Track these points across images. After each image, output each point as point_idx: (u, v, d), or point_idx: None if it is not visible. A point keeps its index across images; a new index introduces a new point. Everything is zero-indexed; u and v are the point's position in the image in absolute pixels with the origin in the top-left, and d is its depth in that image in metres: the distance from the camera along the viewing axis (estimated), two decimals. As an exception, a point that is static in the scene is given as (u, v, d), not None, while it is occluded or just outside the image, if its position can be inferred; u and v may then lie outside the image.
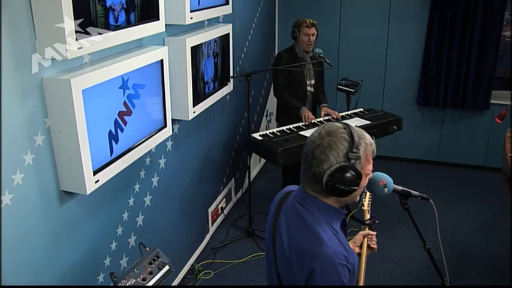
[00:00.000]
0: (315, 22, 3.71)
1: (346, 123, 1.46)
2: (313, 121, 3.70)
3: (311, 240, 1.41)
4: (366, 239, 1.87)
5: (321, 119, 3.81)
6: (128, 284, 1.88)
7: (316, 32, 3.72)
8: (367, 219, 1.95)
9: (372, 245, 1.88)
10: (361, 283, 1.80)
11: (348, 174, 1.37)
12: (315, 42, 3.77)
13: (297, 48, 3.81)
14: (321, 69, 3.94)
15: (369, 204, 2.02)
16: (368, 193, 2.03)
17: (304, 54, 3.80)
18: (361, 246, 1.88)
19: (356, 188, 1.40)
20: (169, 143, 2.85)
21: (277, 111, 4.10)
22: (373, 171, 1.72)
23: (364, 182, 1.47)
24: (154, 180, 2.72)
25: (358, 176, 1.39)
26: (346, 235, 1.62)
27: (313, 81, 3.92)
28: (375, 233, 1.90)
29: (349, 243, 1.88)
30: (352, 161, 1.38)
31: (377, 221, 1.96)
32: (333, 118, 3.79)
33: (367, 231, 1.90)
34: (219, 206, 3.87)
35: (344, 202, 1.50)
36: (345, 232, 1.60)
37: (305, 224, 1.44)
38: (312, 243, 1.40)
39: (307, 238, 1.42)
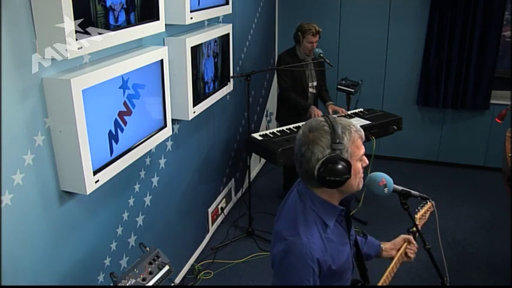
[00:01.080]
0: (320, 30, 3.71)
1: (328, 116, 1.48)
2: None
3: (288, 226, 1.47)
4: (405, 244, 1.88)
5: None
6: (127, 284, 1.88)
7: (319, 38, 3.74)
8: (414, 227, 1.90)
9: (410, 254, 1.89)
10: (381, 283, 1.80)
11: (336, 165, 1.39)
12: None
13: (298, 51, 3.82)
14: (322, 69, 3.94)
15: (423, 214, 1.97)
16: (430, 204, 1.98)
17: (306, 57, 3.81)
18: (398, 250, 1.88)
19: (348, 176, 1.41)
20: (169, 143, 2.85)
21: (277, 111, 4.10)
22: (373, 171, 1.72)
23: (358, 167, 1.47)
24: (154, 180, 2.72)
25: (347, 164, 1.40)
26: (349, 233, 1.61)
27: (315, 83, 3.93)
28: (416, 245, 1.91)
29: (388, 243, 1.90)
30: (338, 152, 1.40)
31: (422, 233, 1.93)
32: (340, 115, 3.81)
33: (409, 236, 1.90)
34: (219, 206, 3.87)
35: (344, 193, 1.51)
36: (348, 229, 1.60)
37: (292, 212, 1.50)
38: (287, 228, 1.47)
39: (287, 223, 1.49)
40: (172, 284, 2.63)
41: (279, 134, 3.55)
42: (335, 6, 4.83)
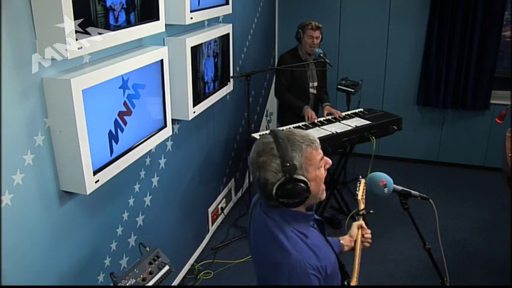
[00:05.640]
0: (320, 25, 3.72)
1: (276, 134, 1.41)
2: (315, 121, 3.71)
3: (275, 250, 1.40)
4: (359, 231, 1.81)
5: (323, 119, 3.81)
6: (127, 284, 1.88)
7: (320, 36, 3.74)
8: (361, 210, 1.86)
9: (365, 243, 1.83)
10: (355, 279, 1.77)
11: (292, 188, 1.35)
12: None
13: (300, 51, 3.81)
14: (323, 69, 3.94)
15: (363, 193, 1.95)
16: (363, 181, 1.94)
17: (307, 57, 3.80)
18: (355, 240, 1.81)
19: (308, 193, 1.38)
20: (169, 143, 2.85)
21: (279, 113, 4.09)
22: (373, 171, 1.71)
23: (319, 175, 1.43)
24: (154, 180, 2.72)
25: (303, 182, 1.37)
26: (325, 234, 1.58)
27: (315, 84, 3.92)
28: (369, 231, 1.84)
29: (346, 237, 1.84)
30: (291, 173, 1.35)
31: (371, 211, 1.89)
32: (334, 118, 3.80)
33: (361, 222, 1.84)
34: (219, 206, 3.87)
35: (308, 204, 1.48)
36: (323, 232, 1.57)
37: (269, 233, 1.44)
38: (275, 252, 1.40)
39: (271, 247, 1.42)
40: None
41: (279, 134, 3.54)
42: (335, 6, 4.83)
